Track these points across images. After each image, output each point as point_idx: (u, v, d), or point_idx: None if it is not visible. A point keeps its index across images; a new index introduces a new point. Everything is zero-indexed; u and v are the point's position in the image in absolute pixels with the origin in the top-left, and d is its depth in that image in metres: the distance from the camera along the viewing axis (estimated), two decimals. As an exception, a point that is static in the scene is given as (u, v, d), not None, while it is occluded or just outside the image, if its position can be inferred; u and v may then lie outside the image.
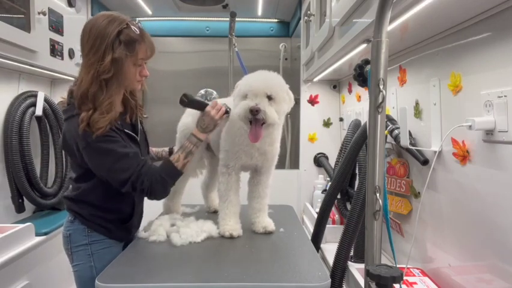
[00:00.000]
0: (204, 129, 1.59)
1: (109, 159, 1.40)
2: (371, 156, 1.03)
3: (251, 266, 1.30)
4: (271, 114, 1.45)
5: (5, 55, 1.94)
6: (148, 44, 1.47)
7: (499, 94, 1.06)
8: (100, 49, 1.38)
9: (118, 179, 1.42)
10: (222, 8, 3.25)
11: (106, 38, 1.38)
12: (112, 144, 1.41)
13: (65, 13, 2.53)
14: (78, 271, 1.49)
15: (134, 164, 1.43)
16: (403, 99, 1.70)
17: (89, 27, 1.41)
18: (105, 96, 1.40)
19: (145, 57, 1.48)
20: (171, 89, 3.53)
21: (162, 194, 1.53)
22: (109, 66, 1.38)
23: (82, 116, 1.37)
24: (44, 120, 2.50)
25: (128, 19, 1.45)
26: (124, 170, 1.41)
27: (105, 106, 1.40)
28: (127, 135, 1.50)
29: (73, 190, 1.54)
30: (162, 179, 1.48)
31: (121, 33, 1.40)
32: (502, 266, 1.08)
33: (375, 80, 1.00)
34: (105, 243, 1.50)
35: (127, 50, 1.41)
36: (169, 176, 1.51)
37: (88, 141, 1.38)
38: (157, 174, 1.48)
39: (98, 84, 1.40)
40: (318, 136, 2.94)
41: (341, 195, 2.10)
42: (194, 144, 1.58)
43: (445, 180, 1.37)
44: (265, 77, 1.51)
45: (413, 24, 1.29)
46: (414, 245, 1.55)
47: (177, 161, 1.53)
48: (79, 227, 1.49)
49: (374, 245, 1.03)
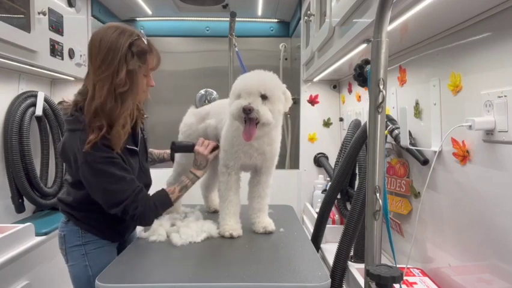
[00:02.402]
0: (199, 166, 1.68)
1: (105, 179, 1.40)
2: (371, 156, 1.03)
3: (251, 266, 1.30)
4: (265, 113, 1.44)
5: (5, 55, 1.94)
6: (155, 54, 1.49)
7: (499, 94, 1.06)
8: (113, 62, 1.37)
9: (112, 200, 1.42)
10: (222, 8, 3.25)
11: (119, 51, 1.37)
12: (111, 167, 1.40)
13: (65, 13, 2.53)
14: (73, 271, 1.51)
15: (131, 188, 1.44)
16: (403, 99, 1.70)
17: (98, 39, 1.39)
18: (120, 110, 1.40)
19: (153, 68, 1.50)
20: (171, 89, 3.53)
21: (150, 221, 1.56)
22: (125, 80, 1.38)
23: (91, 138, 1.35)
24: (44, 120, 2.50)
25: (137, 31, 1.46)
26: (119, 192, 1.41)
27: (121, 120, 1.40)
28: (127, 150, 1.50)
29: (67, 193, 1.54)
30: (155, 207, 1.51)
31: (132, 45, 1.40)
32: (502, 266, 1.08)
33: (375, 80, 1.00)
34: (98, 243, 1.51)
35: (140, 62, 1.42)
36: (162, 205, 1.55)
37: (87, 159, 1.37)
38: (151, 202, 1.50)
39: (114, 98, 1.39)
40: (318, 136, 2.94)
41: (341, 195, 2.10)
42: (191, 180, 1.65)
43: (445, 180, 1.37)
44: (259, 76, 1.51)
45: (413, 24, 1.28)
46: (414, 245, 1.55)
47: (172, 193, 1.58)
48: (72, 228, 1.50)
49: (374, 245, 1.03)
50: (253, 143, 1.56)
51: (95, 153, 1.36)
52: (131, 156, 1.52)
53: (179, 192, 1.61)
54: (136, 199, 1.43)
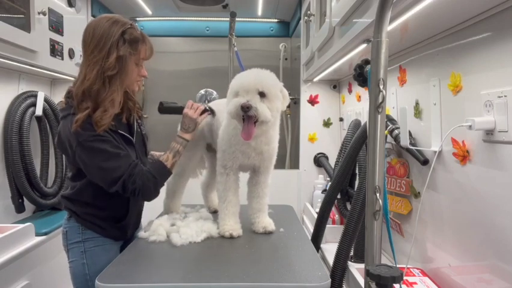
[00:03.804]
0: (187, 129, 1.68)
1: (99, 157, 1.41)
2: (371, 156, 1.03)
3: (251, 266, 1.30)
4: (263, 110, 1.44)
5: (5, 55, 1.94)
6: (148, 44, 1.54)
7: (499, 94, 1.06)
8: (104, 47, 1.42)
9: (109, 178, 1.43)
10: (222, 8, 3.25)
11: (111, 37, 1.43)
12: (103, 144, 1.42)
13: (65, 13, 2.53)
14: (72, 267, 1.52)
15: (126, 163, 1.45)
16: (403, 99, 1.70)
17: (92, 27, 1.45)
18: (107, 93, 1.43)
19: (145, 58, 1.54)
20: (171, 89, 3.53)
21: (153, 193, 1.54)
22: (114, 63, 1.43)
23: (78, 117, 1.39)
24: (44, 120, 2.50)
25: (131, 21, 1.50)
26: (115, 169, 1.42)
27: (107, 103, 1.43)
28: (122, 137, 1.51)
29: (69, 189, 1.56)
30: (153, 177, 1.51)
31: (125, 33, 1.45)
32: (502, 266, 1.08)
33: (375, 80, 1.00)
34: (99, 241, 1.51)
35: (131, 49, 1.46)
36: (160, 174, 1.54)
37: (80, 140, 1.39)
38: (148, 173, 1.50)
39: (102, 80, 1.42)
40: (318, 136, 2.94)
41: (341, 195, 2.10)
42: (180, 144, 1.65)
43: (445, 180, 1.37)
44: (256, 74, 1.50)
45: (413, 24, 1.29)
46: (414, 245, 1.55)
47: (166, 160, 1.59)
48: (74, 225, 1.51)
49: (374, 245, 1.03)
50: (251, 142, 1.56)
51: (85, 133, 1.39)
52: (127, 145, 1.53)
53: (173, 158, 1.60)
54: (132, 173, 1.44)
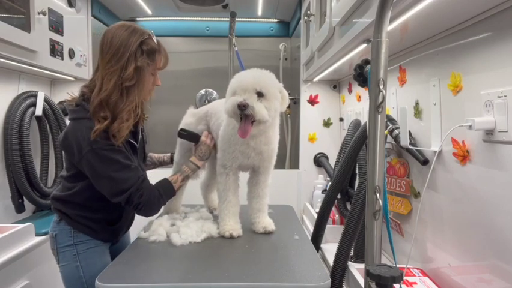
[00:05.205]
0: (202, 157, 1.74)
1: (111, 167, 1.41)
2: (371, 156, 1.03)
3: (251, 266, 1.30)
4: (260, 110, 1.44)
5: (5, 55, 1.94)
6: (164, 55, 1.55)
7: (499, 94, 1.06)
8: (122, 58, 1.42)
9: (117, 188, 1.43)
10: (222, 8, 3.25)
11: (129, 47, 1.43)
12: (117, 154, 1.42)
13: (65, 13, 2.53)
14: (65, 271, 1.50)
15: (135, 176, 1.46)
16: (403, 99, 1.70)
17: (110, 36, 1.45)
18: (125, 103, 1.44)
19: (161, 68, 1.55)
20: (171, 89, 3.53)
21: (154, 210, 1.55)
22: (132, 75, 1.43)
23: (97, 127, 1.38)
24: (44, 120, 2.50)
25: (148, 31, 1.51)
26: (125, 180, 1.43)
27: (125, 114, 1.43)
28: (129, 144, 1.52)
29: (62, 189, 1.53)
30: (160, 195, 1.53)
31: (143, 44, 1.46)
32: (502, 266, 1.08)
33: (375, 80, 1.00)
34: (90, 244, 1.51)
35: (148, 59, 1.47)
36: (166, 194, 1.57)
37: (93, 147, 1.38)
38: (155, 190, 1.52)
39: (120, 91, 1.43)
40: (318, 136, 2.94)
41: (341, 195, 2.10)
42: (192, 170, 1.69)
43: (445, 180, 1.37)
44: (255, 73, 1.51)
45: (413, 24, 1.29)
46: (414, 245, 1.55)
47: (175, 182, 1.62)
48: (64, 228, 1.50)
49: (374, 245, 1.03)
50: (250, 142, 1.56)
51: (101, 141, 1.39)
52: (132, 152, 1.54)
53: (181, 181, 1.65)
54: (140, 187, 1.46)
